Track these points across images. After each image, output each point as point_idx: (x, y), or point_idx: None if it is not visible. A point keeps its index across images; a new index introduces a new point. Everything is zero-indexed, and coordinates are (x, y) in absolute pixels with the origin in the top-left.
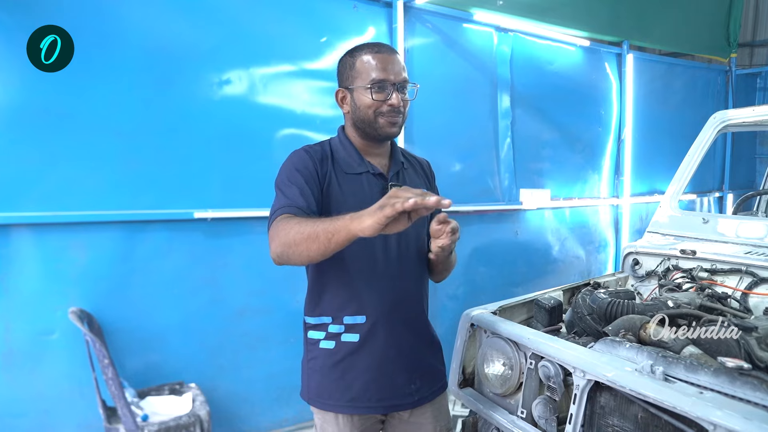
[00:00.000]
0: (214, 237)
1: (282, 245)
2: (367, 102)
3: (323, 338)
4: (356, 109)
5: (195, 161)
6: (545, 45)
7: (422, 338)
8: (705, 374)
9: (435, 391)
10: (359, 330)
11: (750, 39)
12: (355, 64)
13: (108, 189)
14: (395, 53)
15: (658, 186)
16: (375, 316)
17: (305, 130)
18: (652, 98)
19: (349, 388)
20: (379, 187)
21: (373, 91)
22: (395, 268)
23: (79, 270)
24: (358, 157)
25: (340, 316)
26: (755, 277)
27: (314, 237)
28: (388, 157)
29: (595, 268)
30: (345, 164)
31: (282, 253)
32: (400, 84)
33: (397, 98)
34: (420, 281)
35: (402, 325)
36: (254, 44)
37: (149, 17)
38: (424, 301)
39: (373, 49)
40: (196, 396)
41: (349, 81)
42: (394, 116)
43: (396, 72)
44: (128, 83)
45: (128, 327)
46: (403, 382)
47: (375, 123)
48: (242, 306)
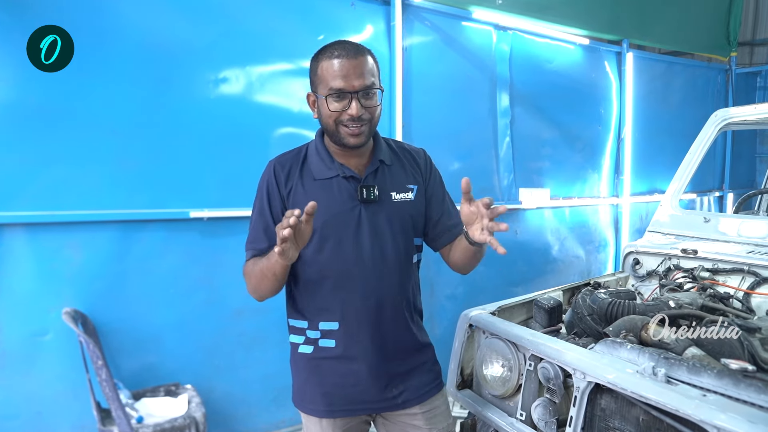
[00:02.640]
0: (210, 236)
1: (252, 290)
2: (327, 112)
3: (302, 342)
4: (321, 117)
5: (191, 160)
6: (544, 43)
7: (405, 341)
8: (708, 376)
9: (424, 394)
10: (334, 336)
11: (750, 38)
12: (317, 69)
13: (103, 188)
14: (359, 56)
15: (658, 185)
16: (349, 322)
17: (302, 129)
18: (651, 97)
19: (327, 393)
20: (350, 191)
21: (332, 99)
22: (370, 272)
23: (73, 270)
24: (330, 160)
25: (315, 321)
26: (757, 276)
27: (263, 276)
28: (369, 156)
29: (594, 267)
30: (316, 170)
31: (256, 295)
32: (363, 91)
33: (357, 108)
34: (401, 284)
35: (380, 329)
36: (251, 42)
37: (146, 15)
38: (408, 303)
39: (334, 53)
40: (191, 397)
41: (314, 86)
42: (356, 126)
43: (356, 79)
44: (124, 81)
45: (123, 327)
46: (383, 386)
47: (337, 133)
48: (239, 306)
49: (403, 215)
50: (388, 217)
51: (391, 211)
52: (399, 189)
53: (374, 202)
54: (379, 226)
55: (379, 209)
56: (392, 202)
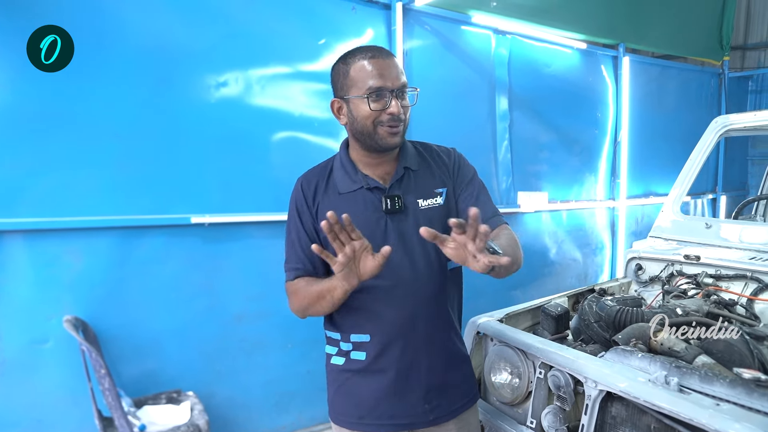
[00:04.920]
0: (211, 242)
1: (300, 310)
2: (365, 112)
3: (335, 354)
4: (354, 120)
5: (192, 165)
6: (542, 47)
7: (442, 355)
8: (720, 385)
9: (457, 408)
10: (365, 348)
11: (742, 42)
12: (349, 71)
13: (103, 194)
14: (391, 56)
15: (653, 188)
16: (381, 335)
17: (303, 133)
18: (647, 101)
19: (357, 405)
20: (375, 202)
21: (370, 100)
22: (400, 283)
23: (73, 277)
24: (354, 172)
25: (347, 333)
26: (760, 282)
27: (319, 298)
28: (395, 163)
29: (591, 270)
30: (340, 183)
31: (303, 314)
32: (399, 90)
33: (397, 106)
34: (435, 294)
35: (415, 343)
36: (252, 46)
37: (147, 17)
38: (444, 314)
39: (367, 54)
40: (194, 405)
41: (345, 90)
42: (395, 125)
43: (394, 77)
44: (124, 85)
45: (124, 334)
46: (416, 400)
47: (374, 134)
48: (240, 311)
49: (432, 222)
50: (416, 226)
51: (419, 219)
52: (426, 195)
53: (400, 212)
54: (407, 236)
55: (405, 218)
56: (419, 210)
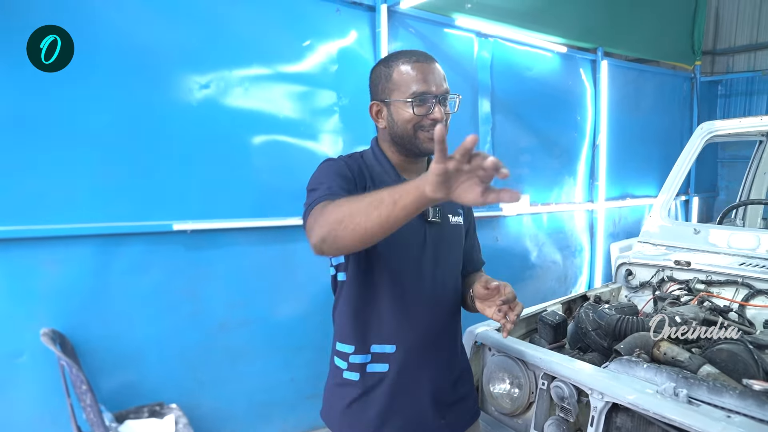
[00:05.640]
0: (194, 249)
1: (331, 223)
2: (407, 116)
3: (346, 368)
4: (394, 124)
5: (174, 170)
6: (524, 51)
7: (454, 368)
8: (730, 397)
9: (467, 422)
10: (388, 359)
11: (711, 47)
12: (391, 75)
13: (81, 200)
14: (435, 62)
15: (629, 190)
16: (406, 345)
17: (288, 137)
18: (624, 104)
19: (371, 421)
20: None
21: (414, 104)
22: (431, 295)
23: (50, 288)
24: (395, 174)
25: (366, 344)
26: (751, 288)
27: (377, 203)
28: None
29: (571, 272)
30: (380, 181)
31: (329, 233)
32: (442, 96)
33: (440, 112)
34: (455, 312)
35: (434, 355)
36: (235, 48)
37: (126, 20)
38: (458, 330)
39: (411, 58)
40: (178, 418)
41: (386, 93)
42: None
43: (438, 83)
44: (101, 87)
45: (103, 346)
46: (432, 415)
47: (415, 138)
48: (223, 319)
49: (458, 239)
50: (448, 241)
51: (451, 234)
52: (453, 212)
53: (437, 223)
54: (441, 250)
55: (441, 232)
56: (450, 225)
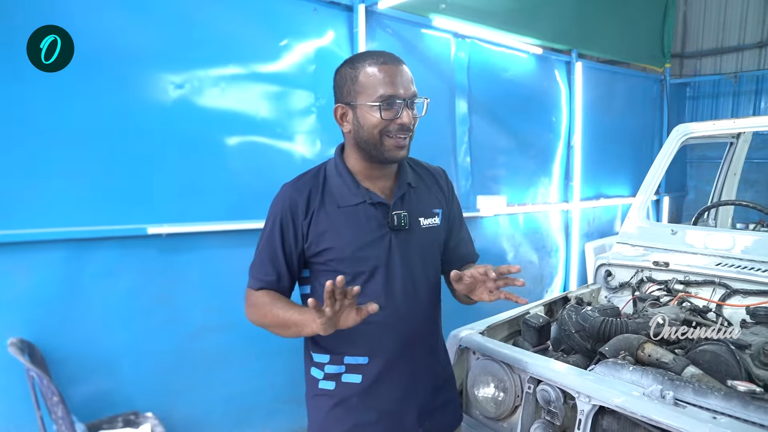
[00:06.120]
0: (169, 253)
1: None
2: (374, 121)
3: (322, 378)
4: (360, 128)
5: (148, 172)
6: (500, 52)
7: (433, 375)
8: (715, 398)
9: (447, 429)
10: (361, 371)
11: (680, 50)
12: (357, 76)
13: (50, 204)
14: (403, 64)
15: (603, 190)
16: (379, 357)
17: (264, 137)
18: (597, 105)
19: (352, 428)
20: (378, 218)
21: (382, 108)
22: (401, 305)
23: (17, 295)
24: (354, 185)
25: (340, 355)
26: (728, 288)
27: (284, 326)
28: (394, 178)
29: (546, 272)
30: (339, 196)
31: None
32: (410, 99)
33: (408, 116)
34: (432, 317)
35: (410, 364)
36: (211, 47)
37: (98, 18)
38: (437, 336)
39: (378, 59)
40: (154, 427)
41: (351, 96)
42: (403, 137)
43: (406, 86)
44: (72, 87)
45: (75, 354)
46: (411, 423)
47: (381, 145)
48: (199, 325)
49: (432, 242)
50: (419, 246)
51: (421, 238)
52: (426, 214)
53: (404, 230)
54: (410, 256)
55: (409, 237)
56: (421, 229)
